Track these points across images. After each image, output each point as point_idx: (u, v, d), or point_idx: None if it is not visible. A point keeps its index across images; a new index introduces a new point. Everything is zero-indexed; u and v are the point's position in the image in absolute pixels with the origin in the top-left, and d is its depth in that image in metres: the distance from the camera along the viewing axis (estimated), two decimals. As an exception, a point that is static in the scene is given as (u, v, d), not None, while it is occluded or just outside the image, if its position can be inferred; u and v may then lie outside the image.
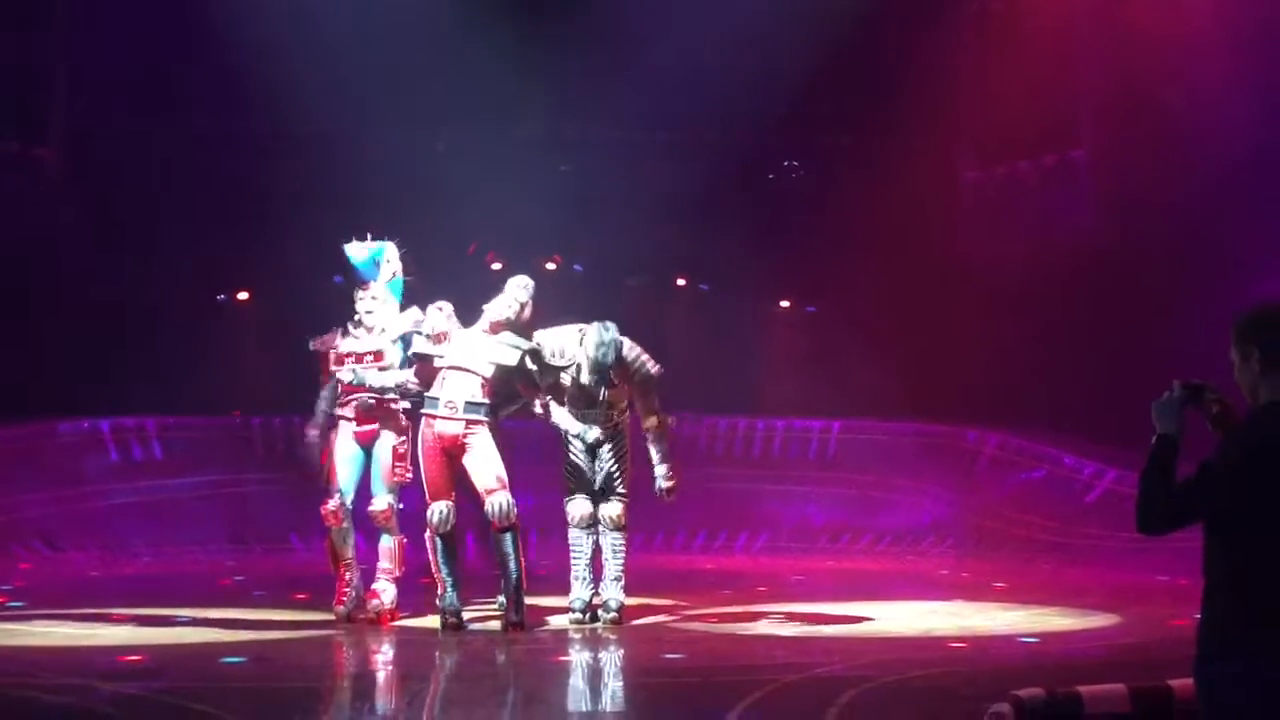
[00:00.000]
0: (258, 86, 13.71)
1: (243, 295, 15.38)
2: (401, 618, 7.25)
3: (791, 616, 7.68)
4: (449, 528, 6.72)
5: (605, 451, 7.08)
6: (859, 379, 14.48)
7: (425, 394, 6.77)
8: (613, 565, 7.12)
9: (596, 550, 7.19)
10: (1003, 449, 13.19)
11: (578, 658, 6.59)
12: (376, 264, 7.16)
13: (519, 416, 7.38)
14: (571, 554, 7.19)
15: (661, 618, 7.73)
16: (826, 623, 7.45)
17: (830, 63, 14.41)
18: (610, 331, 6.87)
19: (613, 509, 7.09)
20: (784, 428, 14.39)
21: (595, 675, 6.13)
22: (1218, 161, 11.48)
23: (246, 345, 14.53)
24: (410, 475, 7.13)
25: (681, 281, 16.37)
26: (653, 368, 7.10)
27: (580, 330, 6.98)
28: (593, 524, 7.14)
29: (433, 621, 7.06)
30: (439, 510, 6.70)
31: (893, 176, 14.77)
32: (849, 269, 14.82)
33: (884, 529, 12.75)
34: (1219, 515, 2.85)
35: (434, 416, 6.73)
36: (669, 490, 7.18)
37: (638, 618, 7.65)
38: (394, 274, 7.23)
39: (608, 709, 5.35)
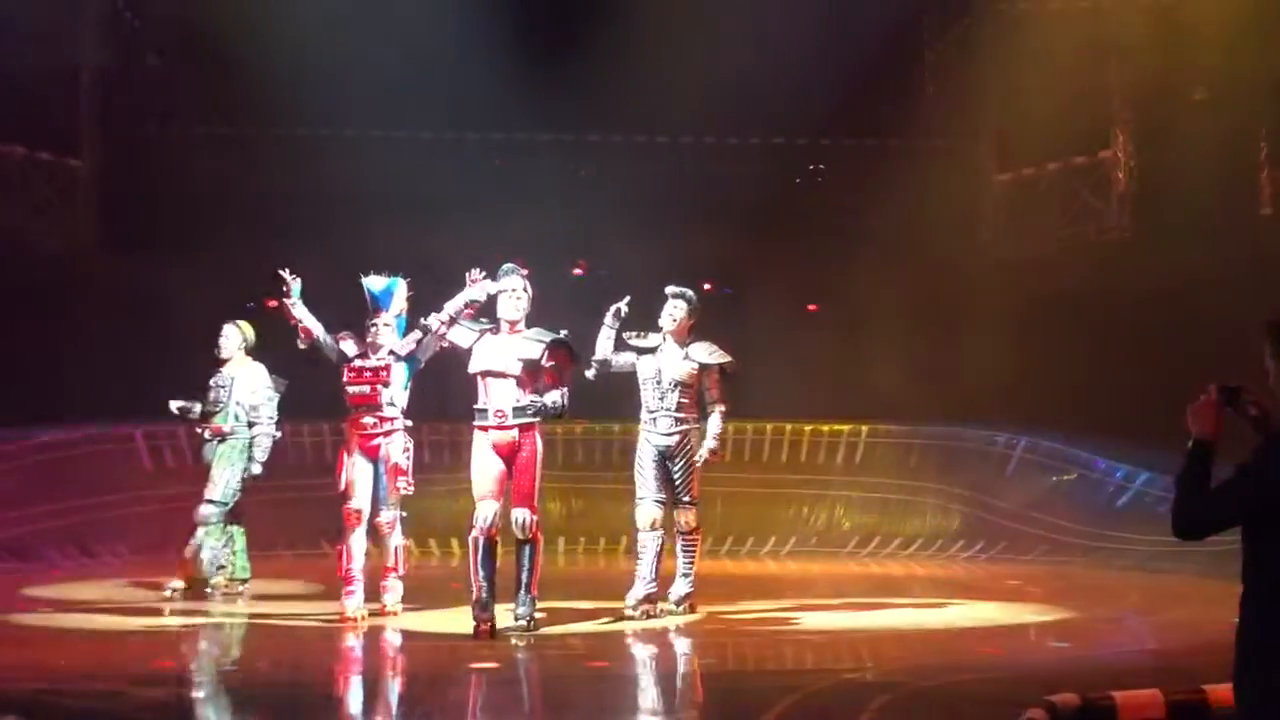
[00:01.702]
0: (287, 91, 13.82)
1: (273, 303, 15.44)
2: (400, 614, 7.62)
3: (821, 621, 7.65)
4: (493, 530, 6.87)
5: (677, 462, 7.57)
6: (886, 382, 14.42)
7: (474, 408, 6.97)
8: (683, 563, 7.73)
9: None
10: (1032, 452, 13.09)
11: (606, 664, 6.59)
12: (390, 295, 7.80)
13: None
14: (638, 555, 7.56)
15: (691, 623, 7.73)
16: (857, 628, 7.42)
17: (854, 66, 14.37)
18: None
19: (686, 515, 7.67)
20: (811, 432, 14.35)
21: (626, 681, 6.13)
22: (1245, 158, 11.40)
23: (278, 352, 14.59)
24: (412, 489, 7.55)
25: (707, 286, 16.36)
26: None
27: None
28: (659, 529, 7.54)
29: (450, 622, 7.14)
30: (486, 513, 6.85)
31: (919, 179, 14.73)
32: (875, 272, 14.77)
33: (913, 533, 12.68)
34: (1256, 521, 2.81)
35: (486, 427, 6.94)
36: (711, 458, 7.69)
37: (663, 624, 7.65)
38: (402, 310, 7.84)
39: (640, 715, 5.34)
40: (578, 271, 14.39)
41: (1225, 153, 12.37)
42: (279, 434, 9.18)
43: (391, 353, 7.67)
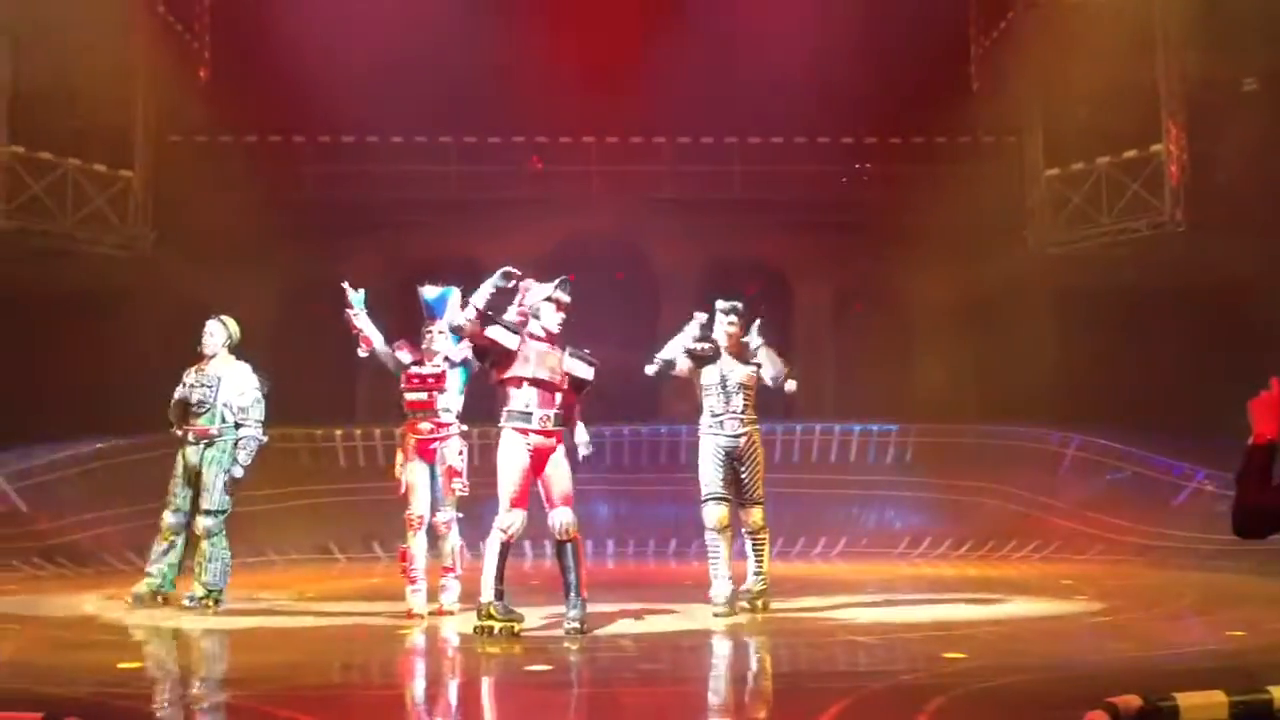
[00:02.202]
0: (333, 99, 13.97)
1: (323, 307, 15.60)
2: (457, 613, 7.79)
3: (874, 623, 7.60)
4: (517, 537, 6.98)
5: (744, 462, 7.78)
6: (935, 381, 14.34)
7: (516, 410, 6.99)
8: (755, 562, 7.86)
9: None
10: (1085, 450, 12.94)
11: (660, 666, 6.59)
12: (444, 303, 7.93)
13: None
14: (709, 555, 7.79)
15: (745, 624, 7.72)
16: (909, 629, 7.36)
17: (899, 63, 14.30)
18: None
19: (756, 515, 7.85)
20: (861, 432, 14.29)
21: (679, 683, 6.12)
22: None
23: (326, 356, 14.74)
24: (467, 490, 7.79)
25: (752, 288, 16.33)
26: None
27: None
28: (727, 528, 7.73)
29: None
30: (516, 520, 6.92)
31: (966, 176, 14.63)
32: (922, 270, 14.68)
33: (965, 533, 12.57)
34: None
35: (527, 431, 6.94)
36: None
37: (715, 625, 7.64)
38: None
39: (694, 718, 5.33)
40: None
41: (1278, 143, 12.17)
42: (265, 438, 8.58)
43: (446, 359, 7.91)
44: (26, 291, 13.49)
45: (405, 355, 7.99)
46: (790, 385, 8.03)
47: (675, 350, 7.88)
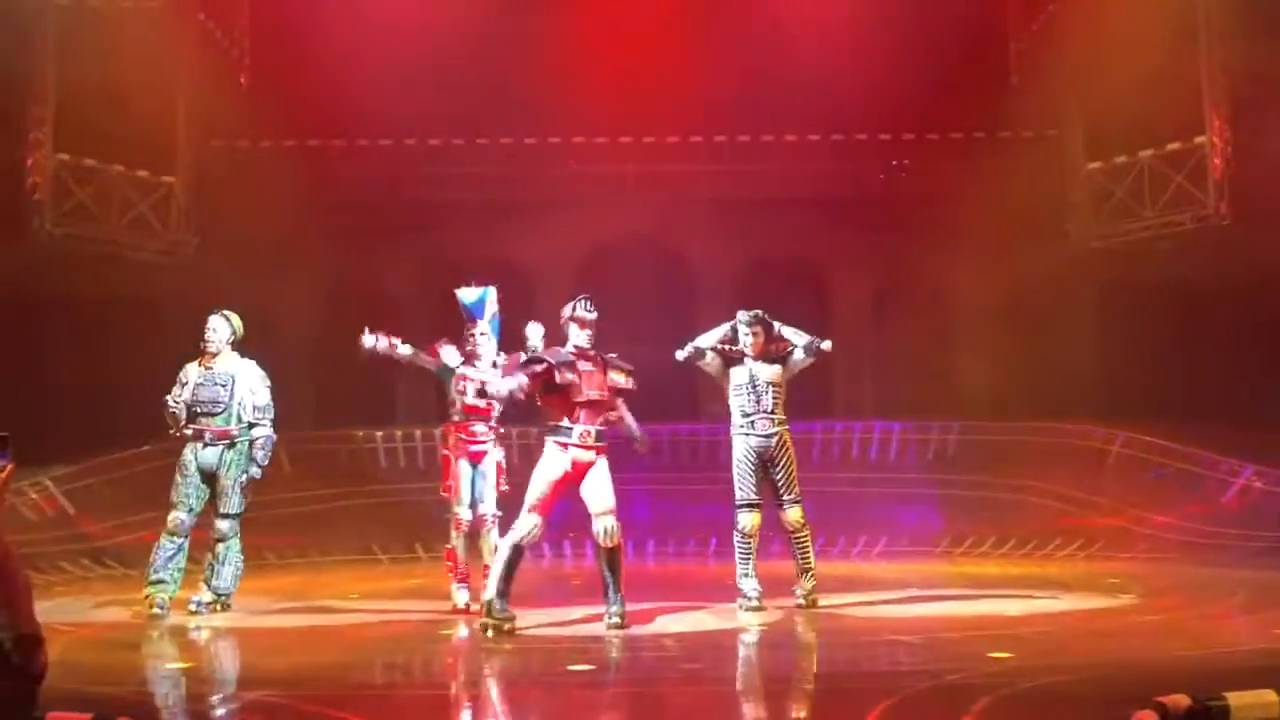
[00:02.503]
0: (371, 103, 14.07)
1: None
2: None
3: (917, 622, 7.56)
4: (535, 542, 7.18)
5: (778, 461, 7.94)
6: (976, 377, 14.23)
7: (558, 424, 7.16)
8: (801, 560, 8.00)
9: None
10: (1131, 446, 12.80)
11: (702, 665, 6.59)
12: (483, 304, 8.21)
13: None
14: (738, 556, 7.96)
15: (785, 624, 7.70)
16: (953, 628, 7.31)
17: (937, 59, 14.22)
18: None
19: (795, 513, 7.99)
20: (900, 430, 14.21)
21: (722, 683, 6.12)
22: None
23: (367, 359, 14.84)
24: (507, 488, 8.12)
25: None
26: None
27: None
28: (757, 534, 7.94)
29: (547, 623, 7.20)
30: (532, 525, 7.07)
31: (1006, 171, 14.52)
32: (963, 267, 14.59)
33: (1009, 531, 12.46)
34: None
35: (568, 445, 7.13)
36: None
37: (756, 624, 7.63)
38: (494, 314, 8.29)
39: (739, 718, 5.33)
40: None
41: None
42: (275, 435, 8.41)
43: (494, 364, 8.16)
44: (73, 296, 13.70)
45: (451, 354, 8.13)
46: (825, 344, 8.09)
47: (706, 342, 8.08)
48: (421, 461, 13.36)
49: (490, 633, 6.97)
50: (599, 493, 7.15)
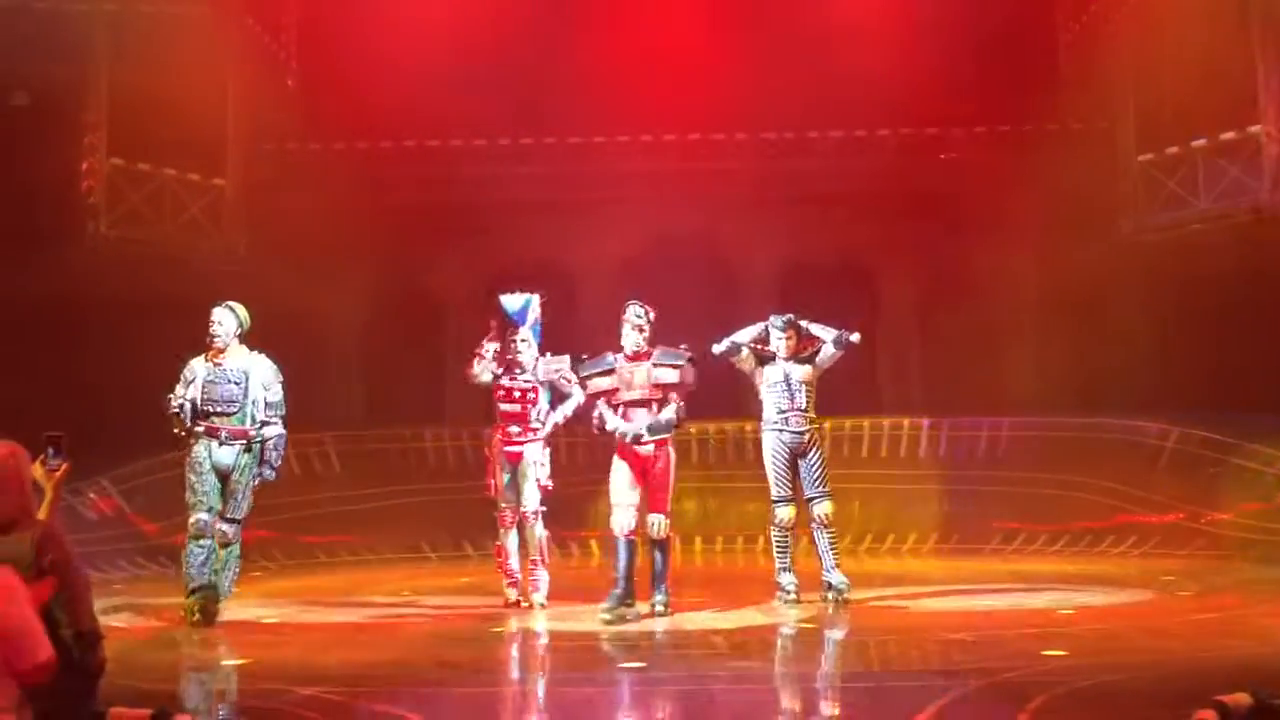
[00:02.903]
0: (418, 104, 14.15)
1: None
2: (546, 606, 8.16)
3: (968, 619, 7.49)
4: (630, 533, 7.66)
5: (809, 458, 8.17)
6: (1025, 373, 14.08)
7: (615, 429, 7.71)
8: (829, 556, 8.11)
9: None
10: (1185, 442, 12.61)
11: (752, 663, 6.58)
12: (525, 311, 8.38)
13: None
14: (775, 551, 8.23)
15: (830, 619, 7.67)
16: (1006, 625, 7.24)
17: (984, 51, 14.07)
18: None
19: (825, 507, 8.13)
20: (949, 426, 14.09)
21: (773, 680, 6.10)
22: None
23: (415, 359, 14.98)
24: (551, 485, 8.31)
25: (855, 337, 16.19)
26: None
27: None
28: (795, 527, 8.17)
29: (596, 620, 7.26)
30: (625, 518, 7.67)
31: (1055, 164, 14.34)
32: (1011, 261, 14.44)
33: (1061, 528, 12.32)
34: None
35: (627, 443, 7.66)
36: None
37: (806, 622, 7.60)
38: (536, 320, 8.45)
39: (789, 716, 5.31)
40: None
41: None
42: (285, 433, 8.07)
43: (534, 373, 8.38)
44: (127, 298, 13.88)
45: (486, 373, 8.30)
46: (854, 336, 8.27)
47: (743, 338, 8.33)
48: (470, 460, 13.42)
49: (608, 621, 7.34)
50: (655, 491, 7.67)
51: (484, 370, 8.30)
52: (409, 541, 12.75)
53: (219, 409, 7.83)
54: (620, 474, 7.71)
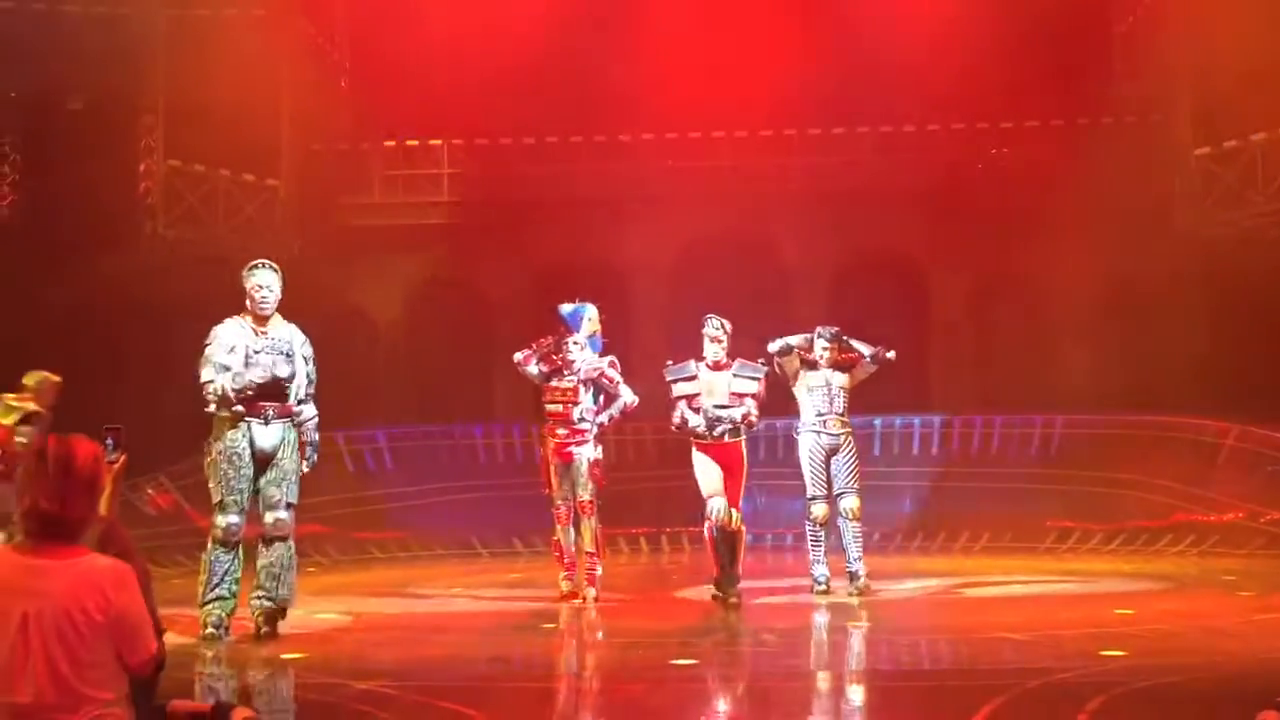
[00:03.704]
0: (468, 102, 14.24)
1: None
2: (597, 599, 8.27)
3: (1023, 618, 7.42)
4: (723, 519, 7.99)
5: (841, 456, 8.53)
6: (1079, 370, 13.90)
7: (696, 429, 8.18)
8: (855, 548, 8.47)
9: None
10: (1245, 440, 12.39)
11: (804, 660, 6.56)
12: (579, 318, 8.53)
13: None
14: (810, 543, 8.59)
15: (885, 617, 7.63)
16: (1062, 625, 7.17)
17: (1037, 45, 13.93)
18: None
19: (853, 503, 8.49)
20: (1002, 423, 13.94)
21: (826, 679, 6.09)
22: None
23: (466, 356, 15.07)
24: (604, 480, 8.46)
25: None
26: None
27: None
28: (828, 522, 8.51)
29: (650, 616, 7.25)
30: (716, 506, 8.01)
31: (1110, 158, 14.16)
32: (1065, 256, 14.25)
33: (1117, 527, 12.16)
34: None
35: (707, 444, 8.16)
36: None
37: (861, 620, 7.57)
38: (594, 334, 8.59)
39: (844, 716, 5.29)
40: None
41: None
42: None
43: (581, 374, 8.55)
44: (184, 297, 14.07)
45: (533, 366, 8.46)
46: (890, 354, 8.65)
47: (795, 341, 8.65)
48: (519, 457, 13.49)
49: (720, 601, 7.95)
50: (732, 486, 8.11)
51: (532, 364, 8.47)
52: (460, 537, 12.82)
53: (269, 386, 6.83)
54: (707, 467, 8.13)
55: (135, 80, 13.83)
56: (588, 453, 8.37)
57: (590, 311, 8.61)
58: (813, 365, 8.64)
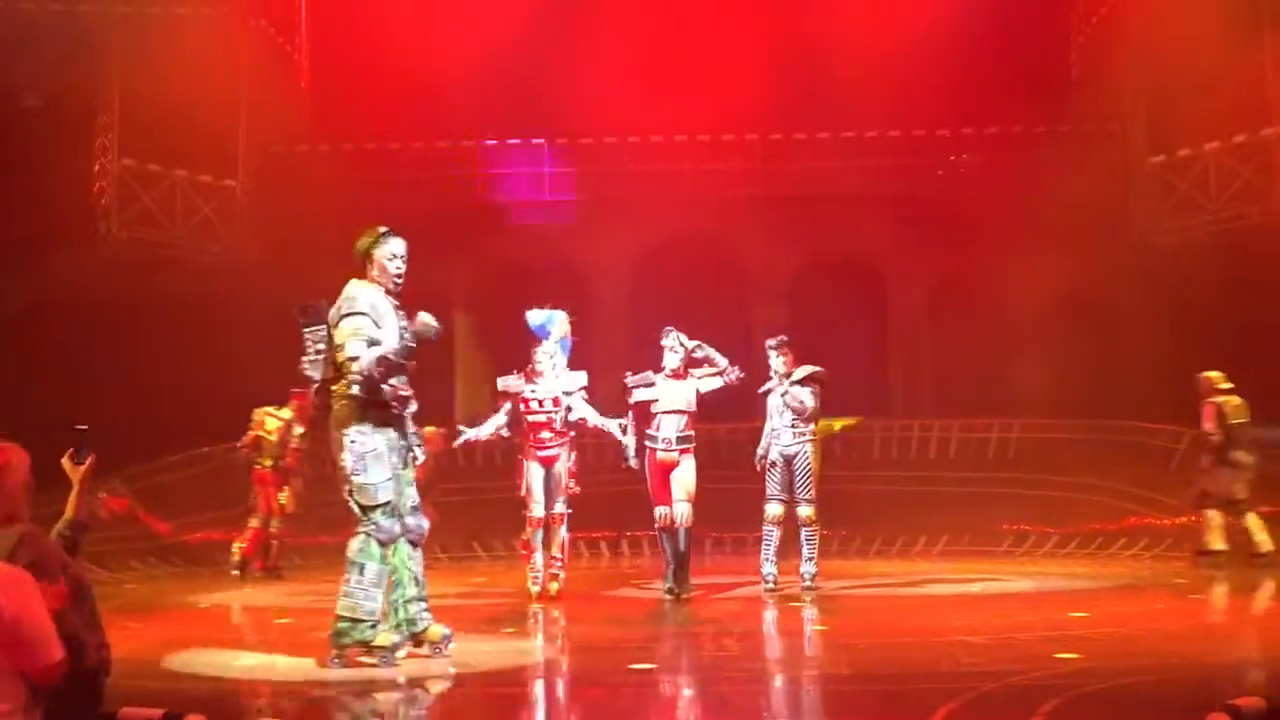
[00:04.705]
0: (425, 106, 14.17)
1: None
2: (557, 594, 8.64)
3: (979, 622, 7.47)
4: (663, 522, 8.62)
5: (798, 465, 8.89)
6: (1035, 375, 14.04)
7: (647, 431, 8.66)
8: (807, 550, 8.94)
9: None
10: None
11: (763, 665, 6.57)
12: (545, 326, 8.77)
13: None
14: (764, 542, 9.01)
15: (843, 621, 7.66)
16: (1018, 628, 7.22)
17: (996, 53, 14.06)
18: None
19: (806, 511, 8.90)
20: (960, 427, 14.05)
21: (784, 684, 6.10)
22: None
23: (426, 360, 14.95)
24: (578, 489, 8.81)
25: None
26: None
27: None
28: (782, 523, 8.91)
29: (608, 619, 7.23)
30: (658, 512, 8.65)
31: (1066, 165, 14.32)
32: (1023, 262, 14.39)
33: (1072, 531, 12.28)
34: None
35: (656, 450, 8.65)
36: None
37: (819, 624, 7.59)
38: (564, 336, 8.82)
39: (799, 716, 5.31)
40: None
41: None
42: None
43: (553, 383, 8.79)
44: (138, 299, 13.93)
45: (511, 382, 8.74)
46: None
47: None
48: (479, 460, 13.44)
49: (673, 597, 8.43)
50: (678, 485, 8.61)
51: (512, 384, 8.77)
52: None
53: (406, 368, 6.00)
54: (651, 477, 8.69)
55: (91, 78, 13.65)
56: (566, 456, 8.69)
57: (559, 318, 8.81)
58: (768, 390, 9.06)
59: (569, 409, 8.67)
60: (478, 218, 15.13)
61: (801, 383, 8.90)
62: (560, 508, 8.72)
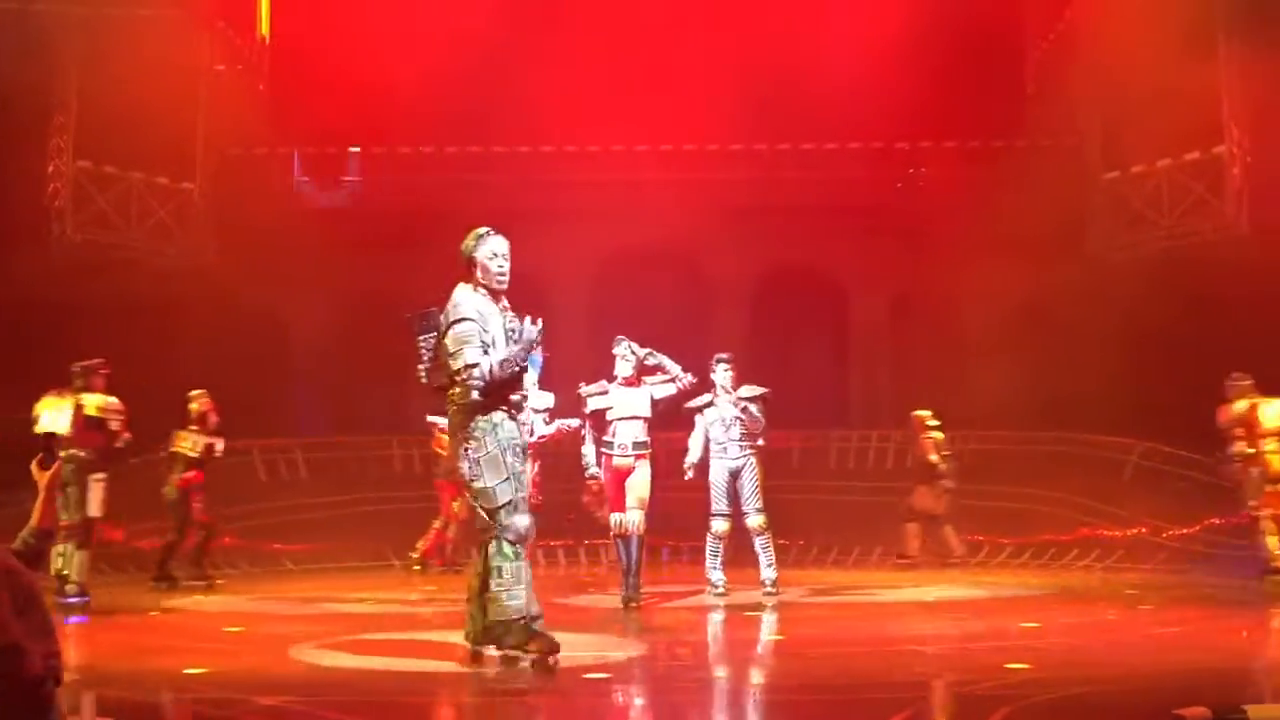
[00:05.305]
0: (386, 110, 14.11)
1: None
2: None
3: (932, 632, 7.53)
4: (615, 530, 8.77)
5: (744, 478, 9.19)
6: (990, 387, 14.16)
7: (604, 439, 8.81)
8: (764, 557, 9.20)
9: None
10: (1150, 458, 12.73)
11: (715, 675, 6.58)
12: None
13: None
14: (709, 553, 9.30)
15: (796, 631, 7.68)
16: (969, 638, 7.28)
17: (954, 67, 14.20)
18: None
19: (756, 520, 9.20)
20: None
21: (735, 694, 6.11)
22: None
23: (382, 367, 14.90)
24: (540, 499, 8.84)
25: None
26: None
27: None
28: (726, 535, 9.24)
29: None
30: (616, 519, 8.76)
31: (1022, 180, 14.47)
32: (979, 276, 14.53)
33: (1025, 541, 12.41)
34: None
35: (612, 456, 8.80)
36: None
37: (772, 634, 7.61)
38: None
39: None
40: None
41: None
42: None
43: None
44: (93, 302, 13.75)
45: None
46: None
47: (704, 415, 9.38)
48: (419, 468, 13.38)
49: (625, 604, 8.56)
50: (632, 491, 8.71)
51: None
52: (374, 549, 12.67)
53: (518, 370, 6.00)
54: (609, 485, 8.80)
55: (46, 78, 13.47)
56: (527, 470, 8.48)
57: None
58: (708, 404, 9.33)
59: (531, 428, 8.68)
60: (436, 224, 15.04)
61: (749, 400, 9.19)
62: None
